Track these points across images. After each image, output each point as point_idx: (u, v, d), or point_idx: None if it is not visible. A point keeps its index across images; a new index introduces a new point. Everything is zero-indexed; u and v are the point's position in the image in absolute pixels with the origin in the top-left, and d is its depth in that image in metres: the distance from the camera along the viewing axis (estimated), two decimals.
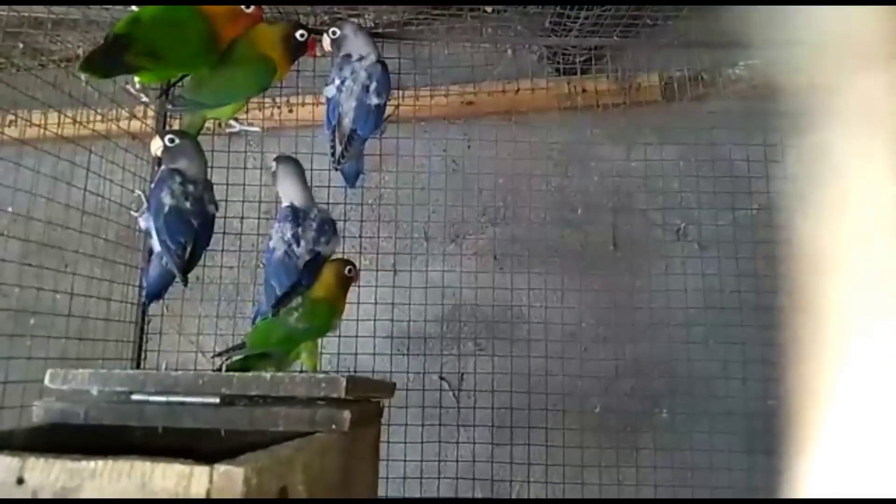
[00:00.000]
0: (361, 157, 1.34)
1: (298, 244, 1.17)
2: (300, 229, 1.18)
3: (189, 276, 1.19)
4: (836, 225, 0.20)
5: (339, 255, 1.28)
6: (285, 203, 1.22)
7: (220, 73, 1.20)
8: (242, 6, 1.19)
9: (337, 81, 1.27)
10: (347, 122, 1.25)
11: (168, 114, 1.49)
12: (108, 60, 1.07)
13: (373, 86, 1.25)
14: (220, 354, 1.14)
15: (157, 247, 1.17)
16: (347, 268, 1.21)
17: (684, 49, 1.62)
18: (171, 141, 1.15)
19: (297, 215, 1.19)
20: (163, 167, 1.18)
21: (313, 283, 1.19)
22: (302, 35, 1.25)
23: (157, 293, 1.22)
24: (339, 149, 1.25)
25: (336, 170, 1.30)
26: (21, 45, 1.45)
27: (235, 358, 1.12)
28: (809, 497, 0.21)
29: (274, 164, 1.24)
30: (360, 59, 1.27)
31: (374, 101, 1.25)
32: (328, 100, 1.28)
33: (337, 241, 1.25)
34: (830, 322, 0.20)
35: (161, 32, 1.10)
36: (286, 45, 1.24)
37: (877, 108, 0.20)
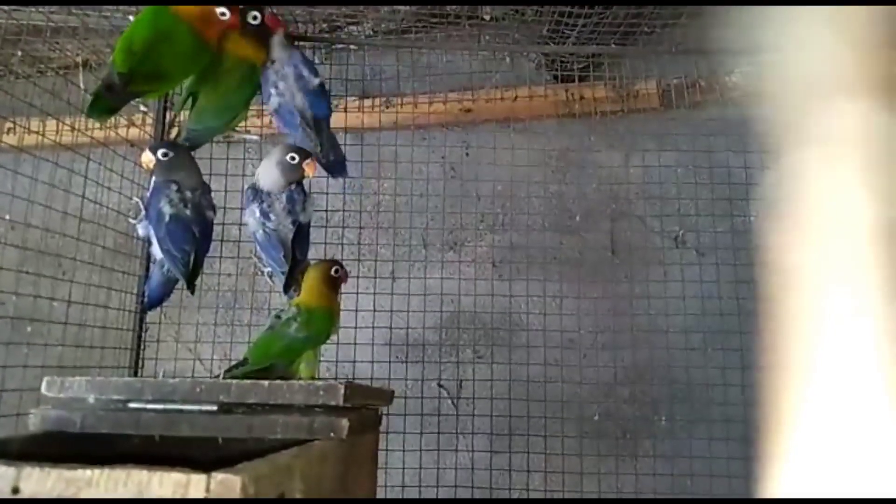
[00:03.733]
0: (336, 143, 1.32)
1: (269, 219, 1.17)
2: (265, 205, 1.18)
3: (177, 283, 1.20)
4: (806, 239, 0.21)
5: (332, 259, 1.27)
6: (248, 186, 1.23)
7: (214, 95, 1.20)
8: (219, 13, 1.15)
9: (272, 90, 1.24)
10: (306, 112, 1.24)
11: (166, 122, 1.49)
12: (113, 100, 1.08)
13: (304, 71, 1.24)
14: (223, 374, 1.12)
15: (157, 254, 1.17)
16: (333, 268, 1.19)
17: (682, 56, 1.63)
18: (165, 155, 1.15)
19: (257, 193, 1.19)
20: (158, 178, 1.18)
21: (307, 255, 1.19)
22: (255, 17, 1.22)
23: (157, 300, 1.23)
24: (315, 141, 1.24)
25: (324, 166, 1.28)
26: (20, 53, 1.45)
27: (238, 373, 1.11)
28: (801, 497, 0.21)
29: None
30: (274, 61, 1.26)
31: (315, 80, 1.24)
32: (276, 111, 1.26)
33: (312, 204, 1.24)
34: (795, 328, 0.21)
35: (156, 55, 1.09)
36: (251, 40, 1.22)
37: (846, 136, 0.21)
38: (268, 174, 1.20)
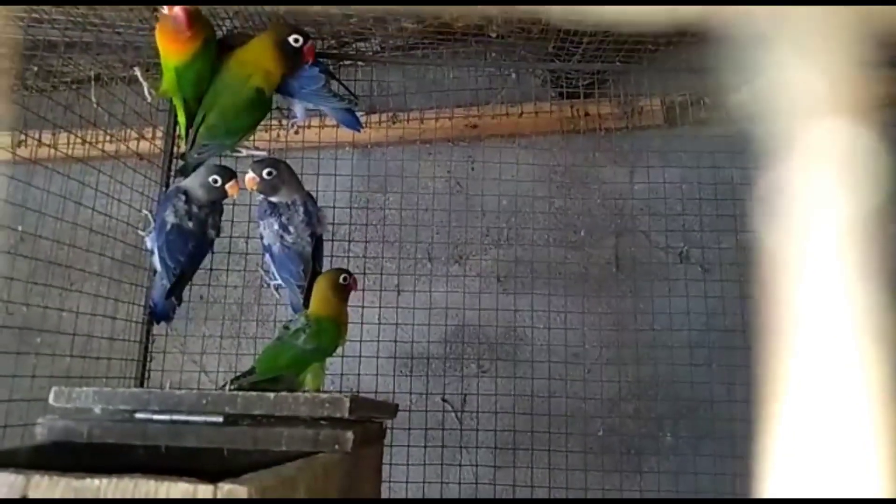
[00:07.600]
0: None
1: (288, 231, 1.18)
2: (283, 218, 1.18)
3: (184, 294, 1.21)
4: (793, 234, 0.24)
5: (340, 267, 1.28)
6: (259, 198, 1.23)
7: (223, 115, 1.21)
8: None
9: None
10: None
11: (176, 135, 1.51)
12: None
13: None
14: (230, 384, 1.11)
15: (158, 265, 1.18)
16: (342, 276, 1.18)
17: (686, 73, 1.64)
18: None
19: (274, 206, 1.20)
20: (172, 187, 1.20)
21: (322, 267, 1.21)
22: (296, 40, 1.16)
23: (164, 313, 1.23)
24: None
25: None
26: (35, 68, 1.48)
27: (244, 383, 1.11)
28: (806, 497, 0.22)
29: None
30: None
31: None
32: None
33: (326, 217, 1.26)
34: (783, 313, 0.24)
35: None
36: (280, 56, 1.19)
37: (826, 149, 0.24)
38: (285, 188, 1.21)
